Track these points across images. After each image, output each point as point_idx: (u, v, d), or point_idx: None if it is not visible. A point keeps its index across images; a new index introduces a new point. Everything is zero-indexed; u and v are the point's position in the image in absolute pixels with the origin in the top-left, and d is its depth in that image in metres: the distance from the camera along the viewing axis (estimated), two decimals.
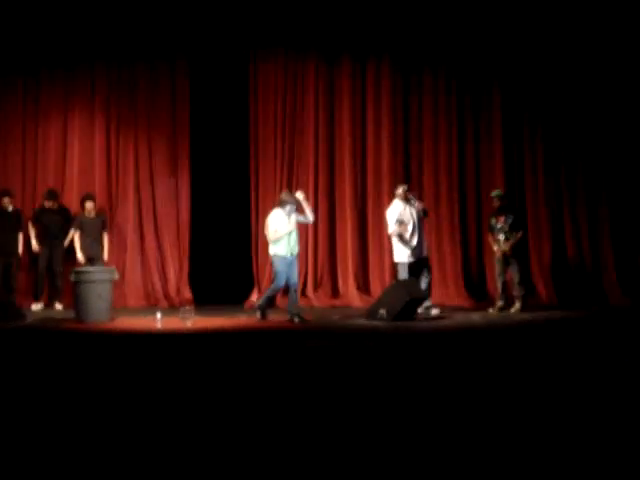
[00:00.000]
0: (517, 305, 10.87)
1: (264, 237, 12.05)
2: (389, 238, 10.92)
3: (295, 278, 10.25)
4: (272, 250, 10.13)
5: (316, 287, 12.33)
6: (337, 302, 12.21)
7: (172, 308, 11.53)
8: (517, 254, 10.97)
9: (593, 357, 7.08)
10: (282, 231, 9.97)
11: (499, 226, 10.98)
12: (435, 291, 11.90)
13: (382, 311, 10.04)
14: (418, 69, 12.69)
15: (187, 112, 12.61)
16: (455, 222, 12.59)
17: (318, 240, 12.45)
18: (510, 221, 10.95)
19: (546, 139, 12.63)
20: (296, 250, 10.17)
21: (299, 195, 10.25)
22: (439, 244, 12.42)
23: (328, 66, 12.61)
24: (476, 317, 10.53)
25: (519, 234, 10.97)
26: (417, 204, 10.65)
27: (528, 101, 12.63)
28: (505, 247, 10.86)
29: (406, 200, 10.58)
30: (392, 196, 10.96)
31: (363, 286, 12.42)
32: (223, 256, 12.41)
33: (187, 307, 10.21)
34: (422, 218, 10.69)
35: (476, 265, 12.62)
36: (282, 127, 12.56)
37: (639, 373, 6.09)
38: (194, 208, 12.60)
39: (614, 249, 12.44)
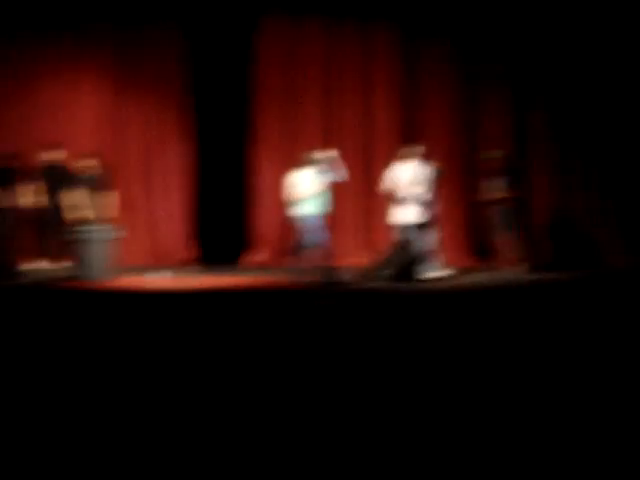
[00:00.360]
0: (520, 266, 10.83)
1: (266, 197, 12.18)
2: (393, 197, 10.78)
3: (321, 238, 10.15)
4: (301, 210, 9.85)
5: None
6: (340, 262, 12.17)
7: (176, 266, 11.57)
8: (512, 215, 10.92)
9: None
10: (311, 191, 9.75)
11: (494, 187, 10.93)
12: (440, 251, 11.89)
13: (384, 271, 10.02)
14: (424, 34, 12.61)
15: (191, 75, 12.62)
16: (461, 181, 12.55)
17: None
18: (506, 183, 10.89)
19: (550, 92, 12.50)
20: (327, 210, 9.96)
21: (331, 154, 9.99)
22: (445, 203, 12.31)
23: (331, 30, 12.52)
24: (479, 278, 10.51)
25: (512, 194, 10.92)
26: (432, 164, 10.50)
27: (534, 59, 12.48)
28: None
29: (422, 160, 10.42)
30: (403, 156, 10.74)
31: (367, 247, 12.40)
32: (227, 216, 12.50)
33: (191, 266, 10.22)
34: (435, 179, 10.50)
35: (482, 225, 12.53)
36: (285, 90, 12.54)
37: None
38: (199, 168, 12.63)
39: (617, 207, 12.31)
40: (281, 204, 12.06)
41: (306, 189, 9.72)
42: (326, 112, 12.55)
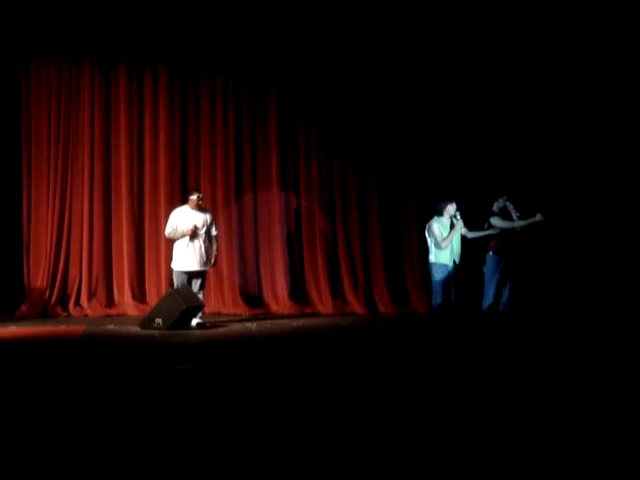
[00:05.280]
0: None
1: (35, 245, 11.86)
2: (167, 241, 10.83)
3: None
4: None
5: (90, 297, 12.09)
6: (112, 311, 12.02)
7: None
8: None
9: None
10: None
11: None
12: (211, 299, 12.06)
13: (158, 320, 10.01)
14: (195, 74, 12.71)
15: None
16: (232, 227, 12.66)
17: (93, 248, 12.21)
18: None
19: (320, 140, 13.03)
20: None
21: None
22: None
23: (104, 73, 12.35)
24: (252, 326, 10.73)
25: None
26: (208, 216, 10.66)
27: (303, 104, 12.98)
28: None
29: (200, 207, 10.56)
30: (177, 201, 10.74)
31: (139, 295, 12.28)
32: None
33: None
34: (205, 228, 10.50)
35: (252, 272, 12.81)
36: (56, 135, 12.19)
37: None
38: None
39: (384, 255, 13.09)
40: (51, 254, 11.88)
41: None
42: (98, 155, 12.30)
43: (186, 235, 10.33)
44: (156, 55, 12.57)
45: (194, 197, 10.53)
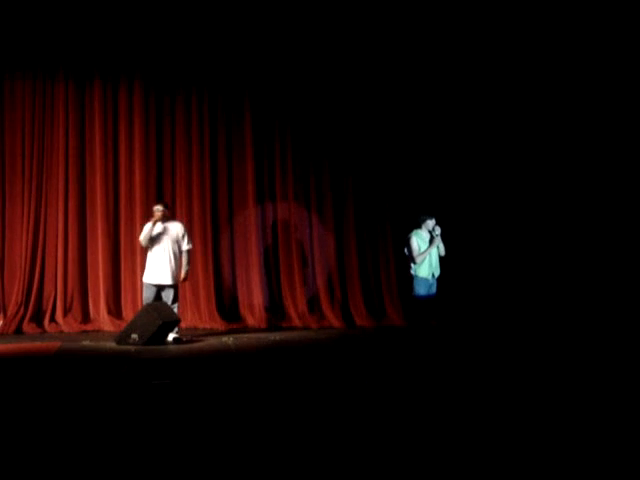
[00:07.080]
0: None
1: (10, 260, 11.75)
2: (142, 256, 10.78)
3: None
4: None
5: (65, 312, 12.00)
6: (88, 327, 11.94)
7: None
8: None
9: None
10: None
11: None
12: (188, 314, 12.01)
13: (134, 335, 9.94)
14: (170, 88, 12.74)
15: None
16: (207, 241, 12.65)
17: (68, 264, 12.13)
18: None
19: (297, 153, 13.10)
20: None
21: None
22: (191, 264, 12.42)
23: (79, 88, 12.32)
24: (229, 340, 10.69)
25: None
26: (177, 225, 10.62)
27: (279, 117, 13.05)
28: None
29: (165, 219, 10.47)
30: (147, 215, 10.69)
31: (115, 310, 12.21)
32: None
33: None
34: (176, 241, 10.46)
35: (229, 286, 12.78)
36: (30, 151, 12.14)
37: None
38: None
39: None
40: (26, 270, 11.78)
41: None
42: (72, 168, 12.24)
43: (156, 220, 10.26)
44: (131, 69, 12.57)
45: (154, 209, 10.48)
